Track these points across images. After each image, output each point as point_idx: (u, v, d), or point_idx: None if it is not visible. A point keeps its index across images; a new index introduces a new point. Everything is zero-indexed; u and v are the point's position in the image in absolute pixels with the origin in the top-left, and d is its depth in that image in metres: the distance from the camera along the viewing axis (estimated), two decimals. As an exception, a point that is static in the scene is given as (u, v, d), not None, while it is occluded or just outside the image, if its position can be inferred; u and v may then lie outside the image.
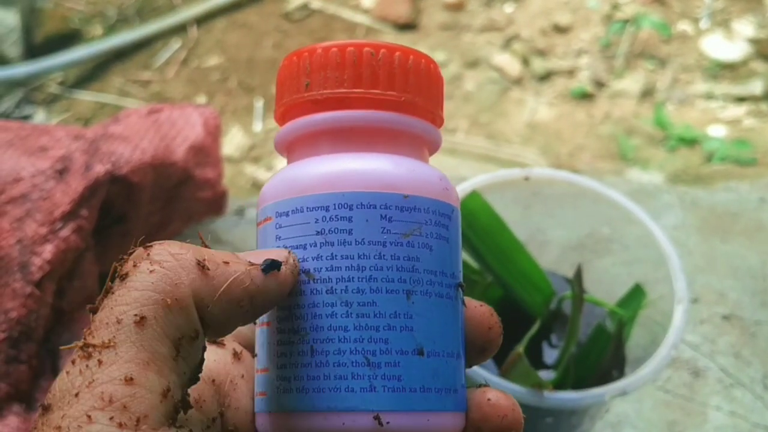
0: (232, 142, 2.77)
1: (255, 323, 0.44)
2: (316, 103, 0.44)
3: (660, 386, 1.02)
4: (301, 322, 0.41)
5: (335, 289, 0.40)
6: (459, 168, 2.83)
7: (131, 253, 0.38)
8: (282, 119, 0.48)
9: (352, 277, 0.40)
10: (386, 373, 0.39)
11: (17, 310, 0.85)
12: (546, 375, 0.87)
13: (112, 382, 0.34)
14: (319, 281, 0.40)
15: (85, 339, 0.35)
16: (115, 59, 3.08)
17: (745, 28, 3.14)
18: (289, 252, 0.40)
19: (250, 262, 0.39)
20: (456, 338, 0.42)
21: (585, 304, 0.87)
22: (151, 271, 0.36)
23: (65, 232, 0.87)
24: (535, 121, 3.00)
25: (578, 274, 0.81)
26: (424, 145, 0.46)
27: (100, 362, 0.34)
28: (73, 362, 0.35)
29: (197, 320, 0.37)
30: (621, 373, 0.87)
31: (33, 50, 2.90)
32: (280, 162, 2.82)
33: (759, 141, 2.80)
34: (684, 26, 3.22)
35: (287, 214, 0.42)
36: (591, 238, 1.13)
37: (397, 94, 0.44)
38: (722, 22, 3.21)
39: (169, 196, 0.99)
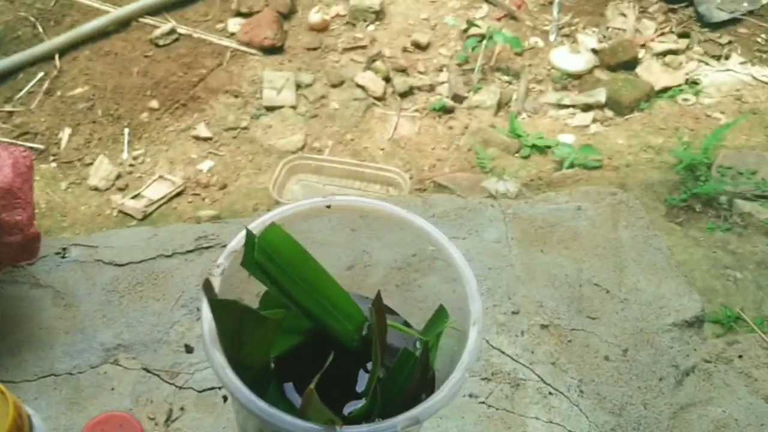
0: (98, 172, 2.66)
1: None
2: None
3: (482, 401, 1.00)
4: None
5: None
6: (326, 187, 2.80)
7: None
8: None
9: None
10: None
11: None
12: (359, 404, 0.83)
13: None
14: None
15: None
16: (-24, 92, 2.92)
17: (589, 39, 3.21)
18: None
19: None
20: None
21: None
22: None
23: None
24: (398, 137, 2.99)
25: (378, 300, 0.77)
26: None
27: None
28: None
29: None
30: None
31: None
32: (149, 189, 2.73)
33: (605, 145, 2.86)
34: (535, 39, 3.27)
35: None
36: (417, 257, 1.10)
37: None
38: (569, 35, 3.27)
39: (-26, 242, 0.92)
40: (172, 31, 3.10)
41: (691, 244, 2.39)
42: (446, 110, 3.00)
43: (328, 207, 0.86)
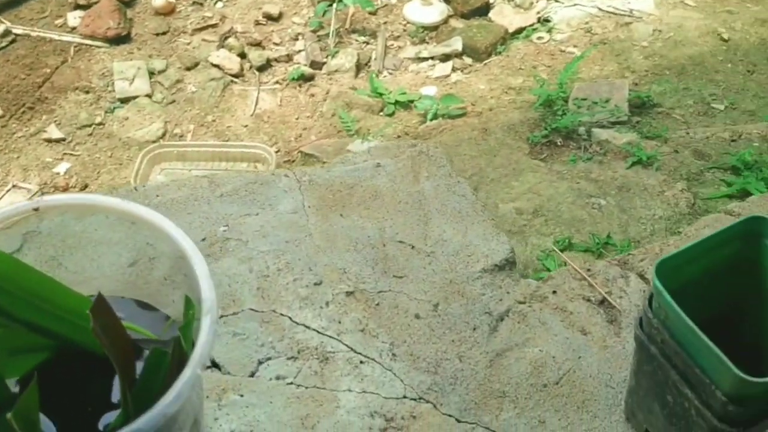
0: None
1: None
2: None
3: (290, 382, 0.93)
4: None
5: None
6: (192, 173, 2.69)
7: None
8: None
9: None
10: None
11: None
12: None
13: None
14: None
15: None
16: None
17: (439, -11, 3.15)
18: None
19: None
20: None
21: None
22: None
23: None
24: (261, 111, 2.89)
25: (99, 302, 0.68)
26: None
27: None
28: None
29: None
30: (197, 391, 0.76)
31: None
32: (2, 200, 2.57)
33: (467, 92, 2.82)
34: (386, -4, 3.20)
35: None
36: (207, 241, 1.03)
37: None
38: (419, -13, 3.21)
39: None
40: (7, 33, 2.92)
41: (555, 178, 2.38)
42: (306, 78, 2.92)
43: (36, 210, 0.77)
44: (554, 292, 1.03)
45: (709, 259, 0.79)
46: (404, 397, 0.94)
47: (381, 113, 2.81)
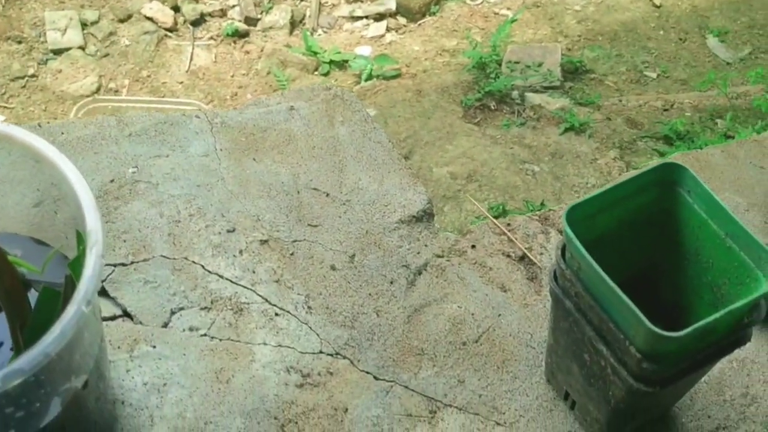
0: None
1: None
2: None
3: (203, 333, 0.90)
4: None
5: None
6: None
7: None
8: None
9: None
10: None
11: None
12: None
13: None
14: None
15: None
16: None
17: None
18: None
19: None
20: None
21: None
22: None
23: None
24: (196, 68, 2.81)
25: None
26: None
27: None
28: None
29: None
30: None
31: None
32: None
33: (402, 53, 2.78)
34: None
35: None
36: (115, 183, 0.98)
37: None
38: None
39: None
40: (-68, -21, 2.77)
41: (489, 142, 2.36)
42: (240, 35, 2.86)
43: None
44: (473, 246, 1.00)
45: (623, 208, 0.78)
46: (321, 352, 0.91)
47: (316, 72, 2.76)
